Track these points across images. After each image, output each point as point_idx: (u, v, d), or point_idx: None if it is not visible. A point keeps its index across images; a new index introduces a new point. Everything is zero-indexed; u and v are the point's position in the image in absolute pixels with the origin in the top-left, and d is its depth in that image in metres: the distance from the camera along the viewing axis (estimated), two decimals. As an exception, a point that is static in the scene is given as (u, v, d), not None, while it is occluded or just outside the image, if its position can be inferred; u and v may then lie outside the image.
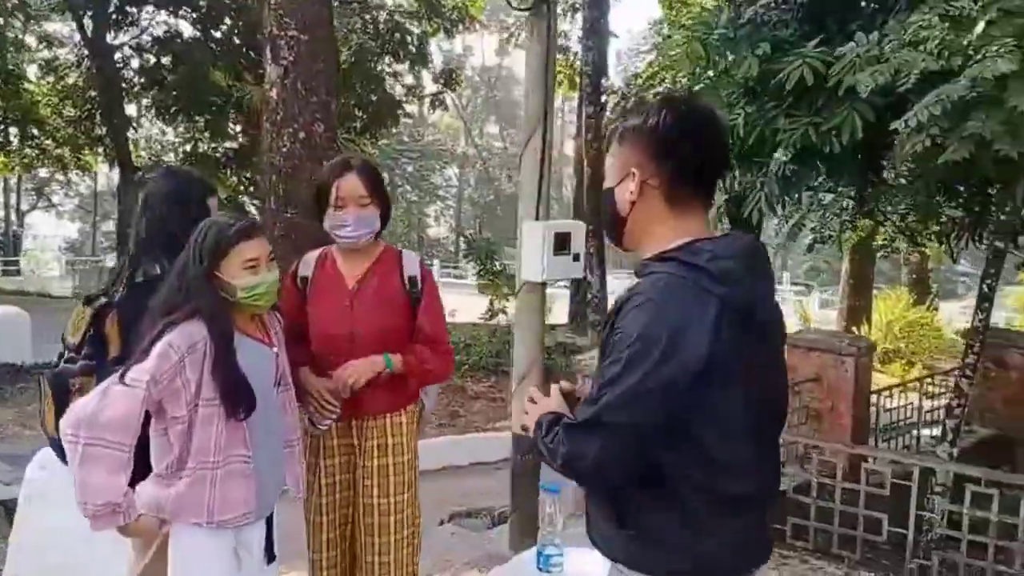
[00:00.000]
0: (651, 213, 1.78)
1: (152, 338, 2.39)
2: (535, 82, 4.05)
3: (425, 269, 3.04)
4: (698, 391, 1.62)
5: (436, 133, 48.76)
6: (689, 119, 1.78)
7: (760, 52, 5.73)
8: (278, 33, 8.38)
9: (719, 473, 1.68)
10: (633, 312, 1.65)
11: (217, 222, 2.53)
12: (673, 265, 1.69)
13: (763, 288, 1.80)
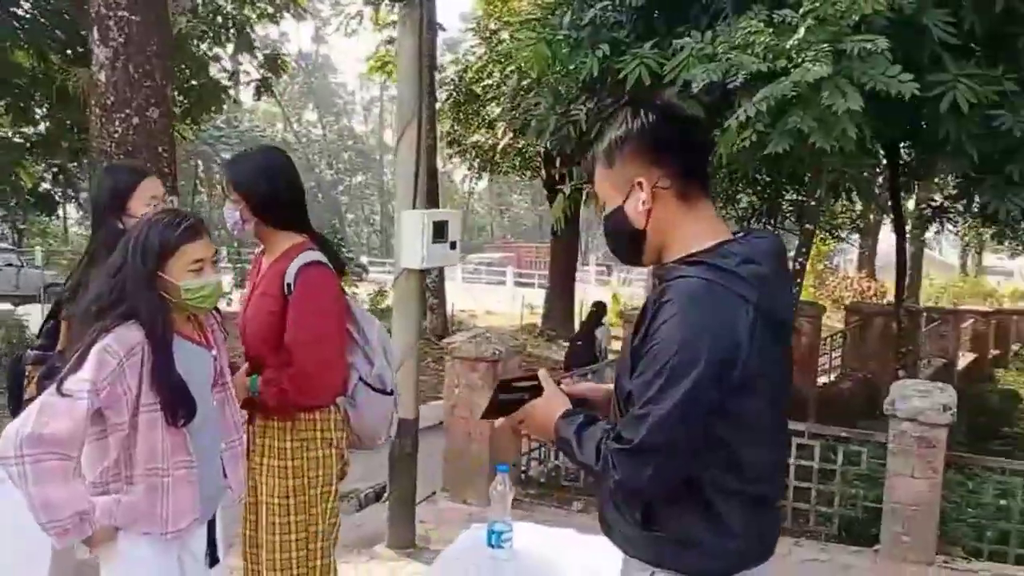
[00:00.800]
0: (668, 217, 1.74)
1: (88, 343, 2.26)
2: (408, 74, 4.22)
3: (306, 273, 2.76)
4: (735, 400, 1.62)
5: (254, 120, 47.34)
6: (673, 115, 1.81)
7: (600, 54, 6.17)
8: (106, 13, 8.00)
9: (747, 476, 1.70)
10: (669, 322, 1.61)
11: (160, 220, 2.40)
12: (703, 269, 1.65)
13: (786, 290, 1.83)
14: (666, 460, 1.63)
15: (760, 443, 1.70)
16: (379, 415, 2.97)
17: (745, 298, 1.62)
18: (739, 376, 1.59)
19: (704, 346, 1.58)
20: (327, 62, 61.12)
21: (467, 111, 16.59)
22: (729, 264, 1.65)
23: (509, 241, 50.81)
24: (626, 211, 1.76)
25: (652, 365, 1.62)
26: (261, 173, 2.81)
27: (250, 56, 18.92)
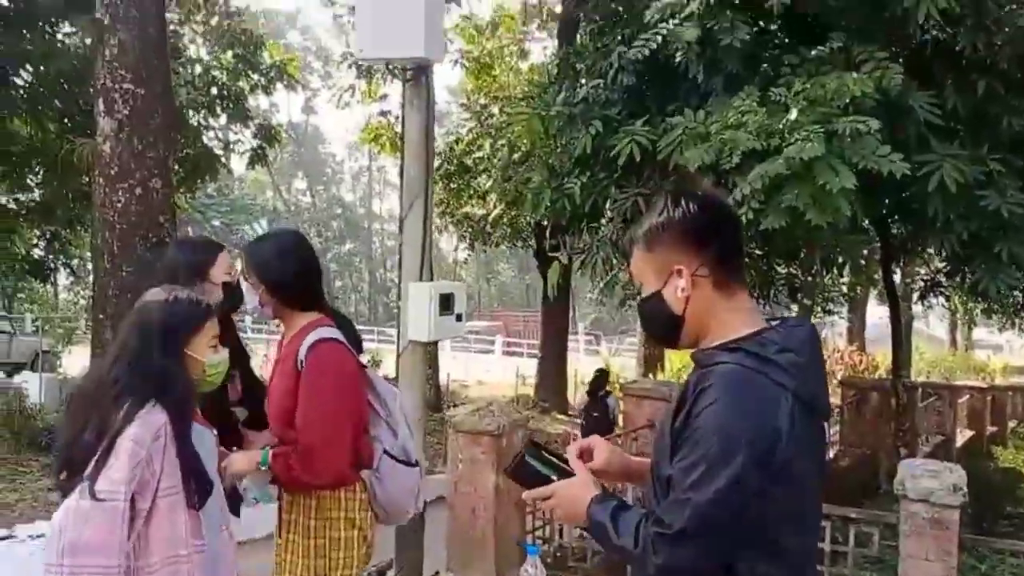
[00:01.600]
0: (706, 304, 1.80)
1: (113, 434, 2.21)
2: (415, 150, 4.34)
3: (316, 350, 2.77)
4: (775, 487, 1.64)
5: (245, 188, 47.71)
6: (714, 205, 1.87)
7: (592, 130, 6.35)
8: (112, 85, 8.22)
9: (786, 562, 1.72)
10: (710, 408, 1.65)
11: (180, 300, 2.44)
12: (742, 356, 1.70)
13: (822, 377, 1.84)
14: (708, 546, 1.67)
15: (798, 530, 1.74)
16: (405, 487, 2.96)
17: (783, 386, 1.66)
18: (779, 463, 1.63)
19: (745, 433, 1.62)
20: (316, 132, 62.01)
21: (458, 183, 16.83)
22: (767, 352, 1.70)
23: (497, 310, 50.90)
24: (664, 296, 1.83)
25: (694, 451, 1.65)
26: (276, 256, 2.89)
27: (243, 126, 19.23)
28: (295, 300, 2.91)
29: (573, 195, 6.97)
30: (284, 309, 2.92)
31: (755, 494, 1.63)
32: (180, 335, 2.38)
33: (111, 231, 8.09)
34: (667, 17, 5.74)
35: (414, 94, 4.34)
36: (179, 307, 2.42)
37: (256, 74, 18.39)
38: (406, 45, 4.01)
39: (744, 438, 1.61)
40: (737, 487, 1.61)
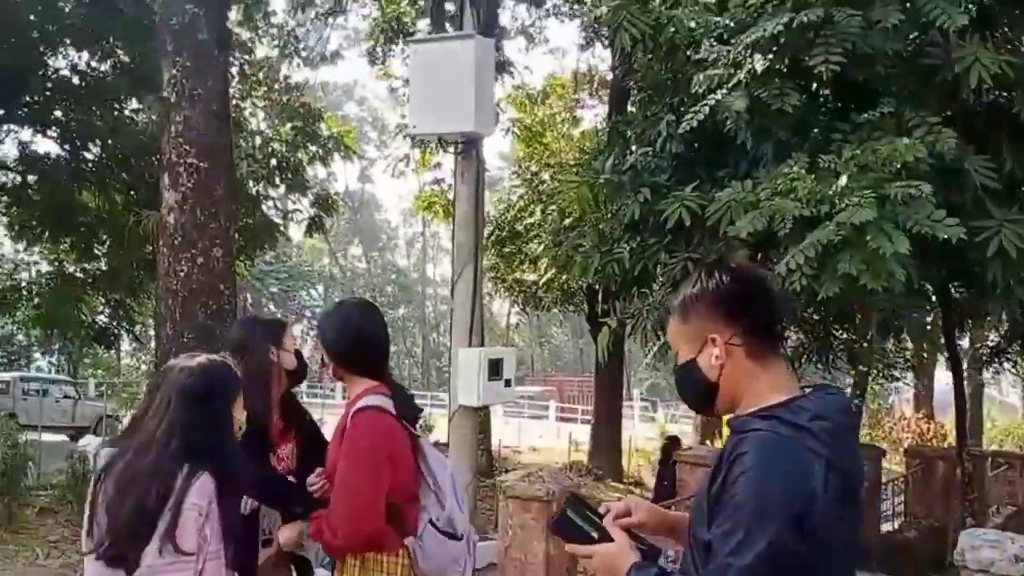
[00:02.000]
0: (740, 371, 1.85)
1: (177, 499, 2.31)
2: (466, 219, 4.45)
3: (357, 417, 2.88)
4: (811, 552, 1.67)
5: (302, 254, 48.65)
6: (746, 277, 1.94)
7: (641, 197, 6.40)
8: (177, 160, 8.54)
9: None
10: (746, 475, 1.70)
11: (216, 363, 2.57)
12: (776, 423, 1.75)
13: (854, 445, 1.91)
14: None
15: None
16: (446, 559, 2.96)
17: (816, 452, 1.70)
18: (813, 526, 1.65)
19: (780, 498, 1.65)
20: (372, 199, 63.19)
21: (510, 248, 16.98)
22: (801, 419, 1.74)
23: (550, 374, 50.63)
24: (699, 364, 1.89)
25: (732, 517, 1.68)
26: (336, 324, 3.07)
27: (301, 195, 19.71)
28: (351, 366, 3.02)
29: (623, 260, 7.00)
30: (344, 372, 3.05)
31: (792, 558, 1.64)
32: (228, 402, 2.50)
33: (174, 298, 8.33)
34: (715, 87, 5.79)
35: (464, 166, 4.46)
36: (221, 374, 2.53)
37: (314, 145, 18.92)
38: (457, 120, 4.14)
39: (779, 503, 1.65)
40: (775, 551, 1.63)
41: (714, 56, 5.87)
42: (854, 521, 1.84)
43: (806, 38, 5.30)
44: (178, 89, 8.54)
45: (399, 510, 2.89)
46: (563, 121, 20.01)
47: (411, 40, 8.78)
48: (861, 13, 5.10)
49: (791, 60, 5.60)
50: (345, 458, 2.83)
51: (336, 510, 2.83)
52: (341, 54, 24.18)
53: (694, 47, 6.40)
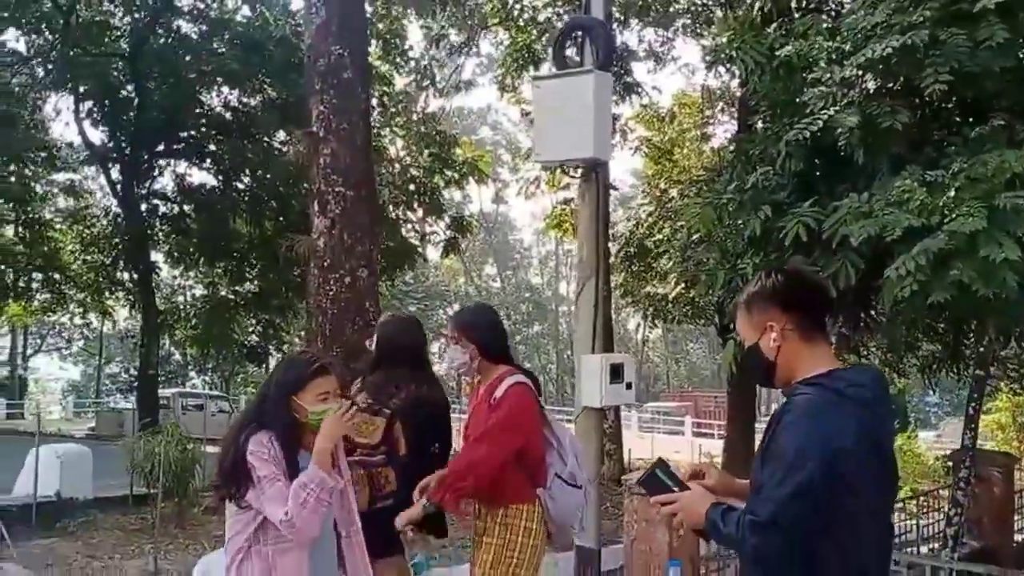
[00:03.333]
0: (793, 352, 2.30)
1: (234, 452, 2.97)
2: (587, 237, 4.87)
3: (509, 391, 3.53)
4: (840, 497, 2.10)
5: (438, 275, 50.10)
6: (795, 276, 2.45)
7: (762, 215, 6.65)
8: (326, 189, 9.32)
9: (850, 563, 2.16)
10: (790, 429, 2.17)
11: (297, 360, 3.23)
12: (819, 390, 2.20)
13: (888, 412, 2.34)
14: (785, 533, 2.12)
15: (863, 539, 2.17)
16: (571, 505, 3.66)
17: (851, 413, 2.14)
18: (841, 475, 2.09)
19: (815, 448, 2.10)
20: (506, 220, 64.30)
21: (639, 264, 17.26)
22: (840, 386, 2.19)
23: (687, 390, 50.13)
24: (761, 347, 2.37)
25: (776, 461, 2.17)
26: (479, 318, 3.80)
27: (438, 218, 20.58)
28: (496, 356, 3.69)
29: (746, 275, 7.22)
30: (485, 363, 3.67)
31: (822, 496, 2.09)
32: (289, 387, 3.04)
33: (324, 316, 9.08)
34: (828, 105, 6.02)
35: (585, 189, 4.89)
36: (292, 368, 3.16)
37: (450, 170, 19.75)
38: (577, 148, 4.58)
39: (815, 451, 2.10)
40: (804, 490, 2.08)
41: (827, 76, 6.10)
42: (884, 479, 2.26)
43: (915, 59, 5.47)
44: (325, 125, 9.33)
45: (533, 467, 3.57)
46: (693, 138, 20.17)
47: (535, 77, 9.31)
48: (966, 33, 5.26)
49: (903, 79, 5.78)
50: (495, 417, 3.50)
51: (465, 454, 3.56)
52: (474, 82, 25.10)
53: (810, 69, 6.63)
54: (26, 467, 10.16)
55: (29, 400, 37.45)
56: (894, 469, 2.35)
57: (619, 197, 43.49)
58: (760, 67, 6.55)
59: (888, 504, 2.36)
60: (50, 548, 8.42)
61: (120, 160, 21.26)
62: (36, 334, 41.97)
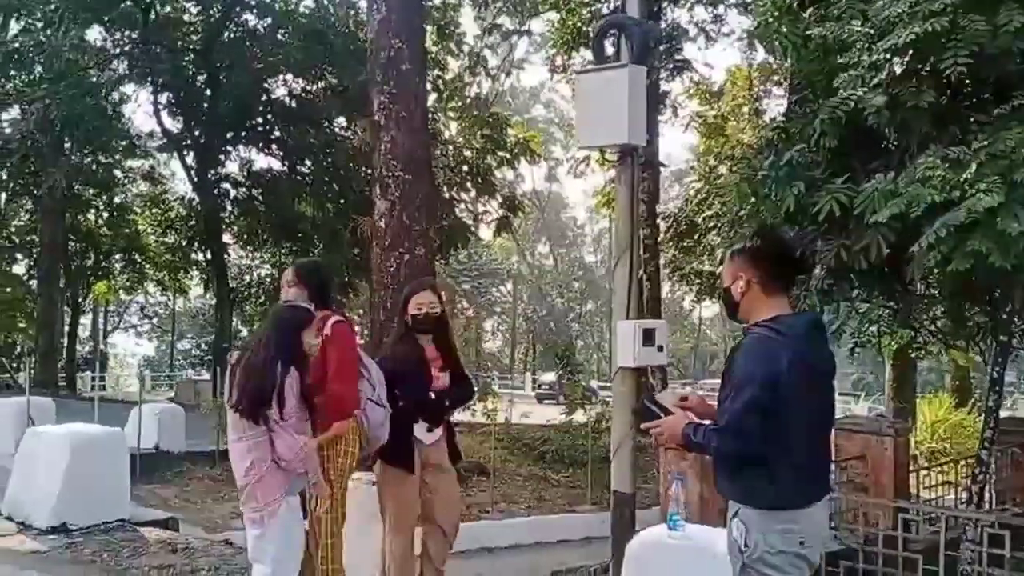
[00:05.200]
0: (753, 299, 3.03)
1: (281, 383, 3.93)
2: (624, 213, 5.32)
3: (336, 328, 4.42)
4: (779, 409, 2.80)
5: (491, 253, 50.69)
6: (769, 243, 3.17)
7: (796, 191, 7.02)
8: (387, 174, 9.90)
9: (793, 454, 2.87)
10: (739, 360, 2.97)
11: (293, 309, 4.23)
12: (764, 330, 2.94)
13: (820, 343, 3.06)
14: (739, 436, 2.86)
15: (802, 436, 2.90)
16: (379, 420, 4.51)
17: (786, 344, 2.86)
18: (780, 394, 2.80)
19: (759, 372, 2.84)
20: (558, 198, 64.53)
21: (688, 240, 17.57)
22: (779, 327, 2.91)
23: (742, 367, 49.99)
24: (732, 290, 3.11)
25: (731, 384, 2.93)
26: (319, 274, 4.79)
27: (491, 198, 21.10)
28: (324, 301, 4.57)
29: (781, 248, 7.62)
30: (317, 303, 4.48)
31: (764, 409, 2.80)
32: (296, 327, 4.06)
33: (385, 291, 9.69)
34: (857, 86, 6.38)
35: (621, 170, 5.35)
36: (296, 313, 4.17)
37: (502, 151, 20.22)
38: (614, 134, 5.03)
39: (757, 375, 2.84)
40: (753, 402, 2.81)
41: (855, 60, 6.44)
42: (820, 397, 2.99)
43: (938, 43, 5.81)
44: (386, 113, 9.90)
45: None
46: (745, 113, 20.29)
47: (576, 71, 9.72)
48: (985, 18, 5.59)
49: (928, 62, 6.11)
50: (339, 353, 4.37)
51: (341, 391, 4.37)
52: (527, 60, 25.41)
53: (843, 51, 6.97)
54: (130, 422, 11.04)
55: (109, 374, 39.23)
56: (828, 384, 3.08)
57: (674, 173, 43.52)
58: (796, 49, 6.91)
59: (823, 411, 3.06)
60: (151, 491, 9.28)
61: (194, 147, 22.27)
62: (114, 312, 44.11)
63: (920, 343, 9.98)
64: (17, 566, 5.42)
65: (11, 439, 9.29)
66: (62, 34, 17.06)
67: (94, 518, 6.41)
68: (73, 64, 17.71)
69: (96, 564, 5.62)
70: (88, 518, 6.38)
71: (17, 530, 6.22)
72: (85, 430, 6.99)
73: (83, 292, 30.35)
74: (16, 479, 6.69)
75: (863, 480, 7.09)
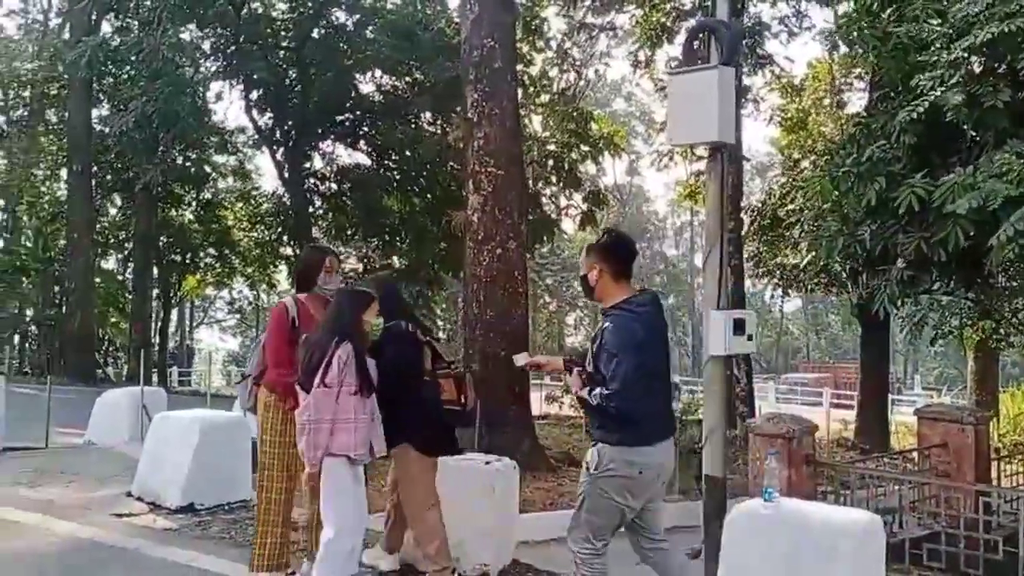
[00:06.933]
0: (606, 284, 4.06)
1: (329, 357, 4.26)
2: (714, 208, 5.63)
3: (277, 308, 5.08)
4: (640, 366, 3.81)
5: (573, 247, 50.99)
6: (616, 239, 4.21)
7: (877, 186, 7.28)
8: (480, 169, 10.32)
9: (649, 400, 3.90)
10: (608, 334, 3.90)
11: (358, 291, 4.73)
12: (623, 311, 3.96)
13: (660, 315, 4.16)
14: (626, 393, 3.77)
15: (654, 386, 3.99)
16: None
17: (639, 319, 3.93)
18: (644, 351, 3.86)
19: (628, 342, 3.83)
20: (640, 191, 64.44)
21: (771, 234, 17.66)
22: (633, 307, 3.97)
23: (827, 362, 49.37)
24: (588, 276, 4.12)
25: (607, 353, 3.84)
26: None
27: (574, 191, 21.43)
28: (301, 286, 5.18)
29: (864, 242, 7.87)
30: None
31: (641, 364, 3.81)
32: (359, 309, 4.49)
33: (478, 284, 10.13)
34: (936, 85, 6.62)
35: (711, 168, 5.68)
36: (358, 296, 4.62)
37: (585, 145, 20.53)
38: (704, 132, 5.37)
39: (628, 344, 3.83)
40: (634, 361, 3.80)
41: (934, 59, 6.68)
42: (661, 349, 4.10)
43: (1015, 43, 6.03)
44: (479, 110, 10.34)
45: None
46: (827, 107, 20.26)
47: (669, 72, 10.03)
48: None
49: (1006, 62, 6.33)
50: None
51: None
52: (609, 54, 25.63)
53: (922, 50, 7.21)
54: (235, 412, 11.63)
55: (194, 370, 40.70)
56: (666, 344, 4.17)
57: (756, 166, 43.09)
58: (876, 48, 7.18)
59: (666, 366, 4.18)
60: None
61: (284, 143, 23.00)
62: (199, 307, 45.67)
63: (1001, 335, 10.04)
64: (154, 541, 5.93)
65: (126, 427, 10.11)
66: (160, 33, 17.66)
67: (219, 498, 6.87)
68: (169, 62, 18.30)
69: (225, 540, 6.03)
70: (214, 498, 6.84)
71: (148, 510, 6.71)
72: (212, 415, 7.49)
73: (174, 287, 31.58)
74: (145, 462, 7.17)
75: (945, 467, 7.30)
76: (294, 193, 23.05)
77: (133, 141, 21.41)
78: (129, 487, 7.16)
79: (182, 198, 28.35)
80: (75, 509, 6.69)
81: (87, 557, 5.58)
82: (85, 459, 8.97)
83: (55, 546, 5.80)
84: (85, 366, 24.16)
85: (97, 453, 9.43)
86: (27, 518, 6.39)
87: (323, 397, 4.23)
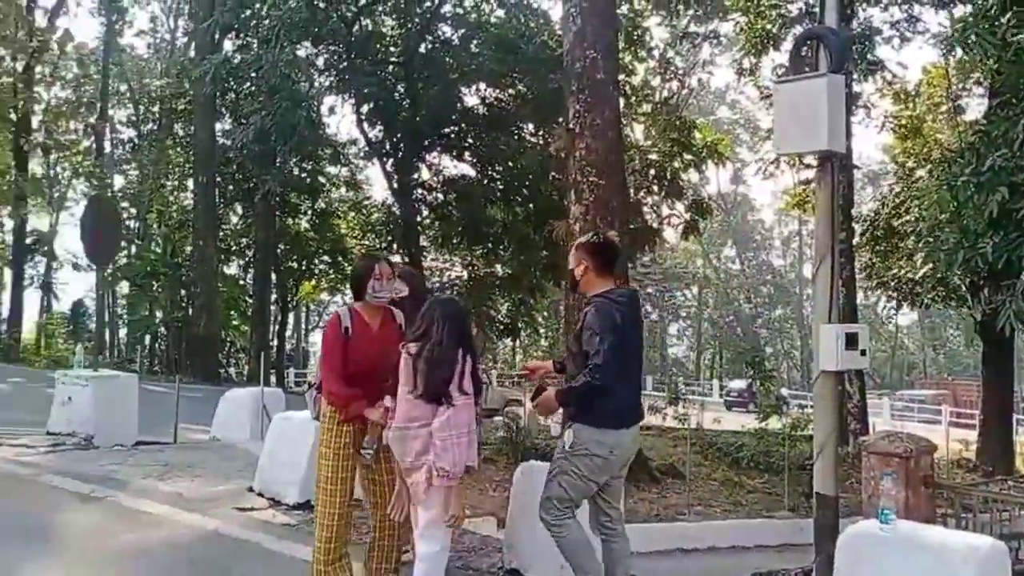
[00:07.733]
0: (590, 279, 4.48)
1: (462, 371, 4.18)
2: (824, 218, 5.50)
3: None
4: (619, 346, 4.17)
5: (675, 256, 50.48)
6: (602, 239, 4.63)
7: (999, 196, 6.97)
8: (581, 179, 10.36)
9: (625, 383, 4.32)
10: (590, 317, 4.26)
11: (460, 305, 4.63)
12: (603, 299, 4.35)
13: (637, 310, 4.61)
14: (608, 368, 4.10)
15: (629, 369, 4.39)
16: None
17: (618, 308, 4.32)
18: (622, 334, 4.25)
19: (608, 325, 4.20)
20: (745, 200, 63.21)
21: (885, 245, 17.08)
22: (612, 297, 4.38)
23: (945, 379, 47.27)
24: (575, 271, 4.55)
25: (589, 331, 4.21)
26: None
27: (677, 200, 21.19)
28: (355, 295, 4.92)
29: (985, 254, 7.56)
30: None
31: (618, 345, 4.18)
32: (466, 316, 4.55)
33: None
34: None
35: (820, 177, 5.55)
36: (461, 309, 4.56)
37: (688, 154, 20.29)
38: (813, 141, 5.25)
39: (607, 326, 4.20)
40: (613, 341, 4.16)
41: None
42: (638, 336, 4.57)
43: None
44: (581, 121, 10.37)
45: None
46: (943, 113, 19.51)
47: (775, 81, 9.86)
48: None
49: None
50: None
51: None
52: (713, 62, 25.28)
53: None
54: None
55: (309, 371, 42.04)
56: (640, 335, 4.66)
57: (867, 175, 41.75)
58: (994, 54, 6.89)
59: (640, 354, 4.61)
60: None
61: (393, 154, 23.58)
62: (314, 312, 47.27)
63: None
64: (273, 536, 6.16)
65: (248, 425, 10.42)
66: (277, 51, 18.40)
67: (334, 498, 7.11)
68: (286, 78, 19.04)
69: (341, 536, 6.30)
70: (329, 497, 7.10)
71: (268, 505, 6.97)
72: (327, 417, 7.71)
73: (291, 292, 32.87)
74: (266, 460, 7.42)
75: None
76: (403, 203, 23.59)
77: (253, 153, 22.34)
78: (251, 483, 7.46)
79: (298, 207, 29.75)
80: (202, 502, 7.03)
81: (213, 548, 5.90)
82: (210, 455, 9.36)
83: (184, 537, 6.13)
84: (209, 366, 25.45)
85: (221, 449, 9.80)
86: (159, 510, 6.75)
87: (465, 408, 4.10)
